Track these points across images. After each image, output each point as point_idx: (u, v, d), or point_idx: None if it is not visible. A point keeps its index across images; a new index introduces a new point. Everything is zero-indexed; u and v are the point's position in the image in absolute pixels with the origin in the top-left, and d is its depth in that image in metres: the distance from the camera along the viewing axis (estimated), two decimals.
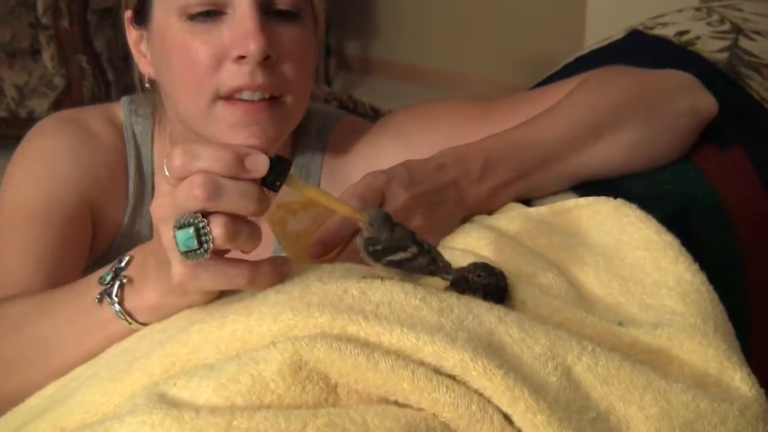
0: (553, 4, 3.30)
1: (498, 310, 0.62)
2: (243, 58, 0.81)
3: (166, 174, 0.59)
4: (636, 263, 0.72)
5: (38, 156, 0.94)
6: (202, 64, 0.82)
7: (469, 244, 0.74)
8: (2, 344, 0.73)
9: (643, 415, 0.57)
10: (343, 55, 3.87)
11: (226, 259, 0.61)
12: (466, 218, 0.80)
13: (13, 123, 2.68)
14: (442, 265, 0.64)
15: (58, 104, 2.71)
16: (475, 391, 0.55)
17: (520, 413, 0.54)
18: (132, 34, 0.91)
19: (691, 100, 0.89)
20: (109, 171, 0.96)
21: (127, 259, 0.69)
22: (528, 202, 0.84)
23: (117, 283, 0.67)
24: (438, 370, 0.55)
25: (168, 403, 0.55)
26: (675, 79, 0.91)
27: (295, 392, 0.55)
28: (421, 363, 0.56)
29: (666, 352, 0.64)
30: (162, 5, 0.85)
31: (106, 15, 2.69)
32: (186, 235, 0.58)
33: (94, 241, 0.94)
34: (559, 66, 1.20)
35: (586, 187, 0.85)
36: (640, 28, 1.19)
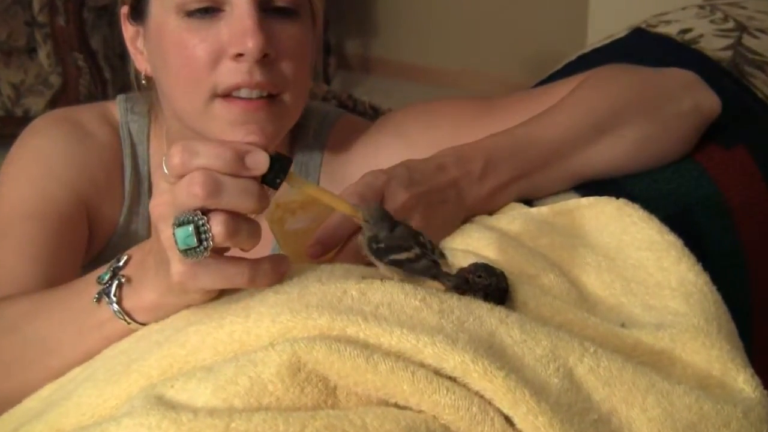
0: (555, 2, 3.30)
1: (499, 311, 0.62)
2: (241, 55, 0.81)
3: (165, 172, 0.59)
4: (639, 264, 0.72)
5: (33, 155, 0.94)
6: (199, 61, 0.82)
7: (470, 244, 0.74)
8: None
9: (645, 417, 0.57)
10: (343, 54, 3.86)
11: (226, 258, 0.61)
12: (466, 218, 0.80)
13: (9, 122, 2.67)
14: (444, 269, 0.64)
15: (54, 103, 2.70)
16: (476, 393, 0.55)
17: (521, 415, 0.54)
18: (128, 30, 0.91)
19: (695, 99, 0.89)
20: (105, 170, 0.96)
21: (125, 258, 0.69)
22: (529, 202, 0.84)
23: (115, 283, 0.67)
24: (438, 372, 0.55)
25: (165, 404, 0.55)
26: (678, 77, 0.91)
27: (293, 394, 0.55)
28: (422, 365, 0.56)
29: (669, 353, 0.64)
30: (159, 1, 0.84)
31: (103, 13, 2.69)
32: (185, 232, 0.58)
33: (90, 240, 0.94)
34: (561, 64, 1.20)
35: (588, 187, 0.85)
36: (643, 26, 1.19)
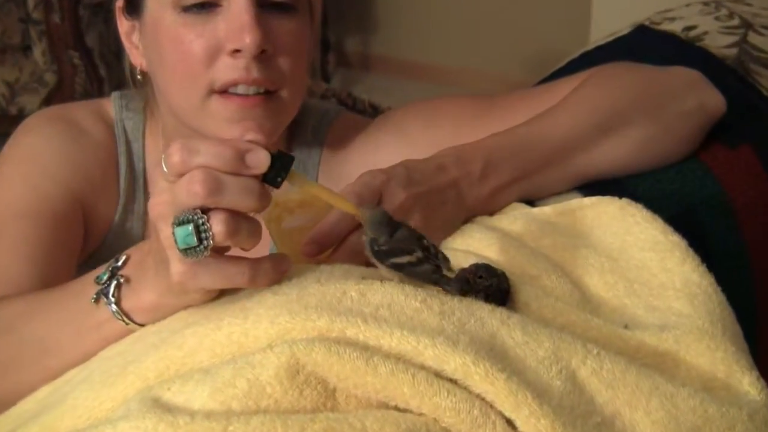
0: None
1: (500, 312, 0.62)
2: (238, 51, 0.81)
3: (164, 170, 0.59)
4: (642, 264, 0.72)
5: (27, 154, 0.94)
6: (196, 57, 0.82)
7: (471, 244, 0.74)
8: None
9: (649, 420, 0.58)
10: (342, 51, 3.86)
11: (226, 257, 0.61)
12: (467, 219, 0.80)
13: (3, 120, 2.67)
14: (446, 275, 0.64)
15: (49, 101, 2.70)
16: (477, 396, 0.55)
17: (523, 418, 0.54)
18: (123, 24, 0.91)
19: (699, 99, 0.89)
20: (100, 168, 0.96)
21: (124, 258, 0.68)
22: (531, 202, 0.84)
23: (114, 283, 0.67)
24: (439, 374, 0.55)
25: (162, 407, 0.55)
26: (682, 76, 0.92)
27: (292, 397, 0.55)
28: (422, 367, 0.56)
29: (673, 355, 0.64)
30: None
31: (99, 10, 2.69)
32: (185, 231, 0.57)
33: (85, 239, 0.94)
34: (563, 62, 1.20)
35: (591, 187, 0.85)
36: (647, 23, 1.19)
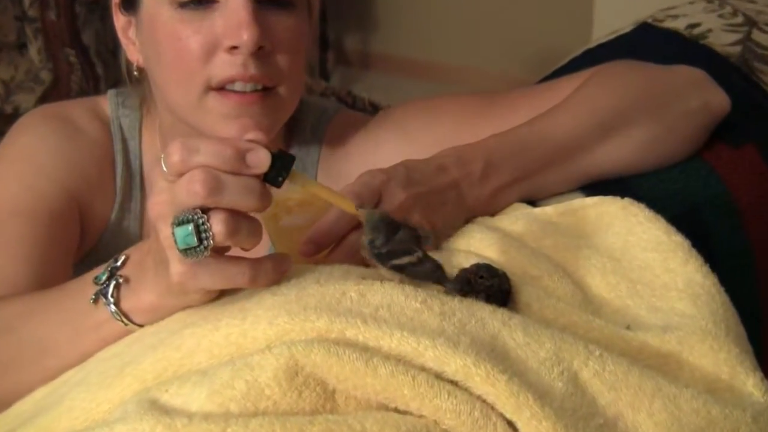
0: None
1: (502, 313, 0.62)
2: (236, 48, 0.81)
3: (164, 169, 0.59)
4: (645, 265, 0.72)
5: (22, 152, 0.94)
6: (193, 54, 0.82)
7: (472, 245, 0.75)
8: None
9: (652, 422, 0.58)
10: (342, 49, 3.86)
11: (227, 257, 0.61)
12: (468, 220, 0.80)
13: None
14: (447, 273, 0.64)
15: (45, 99, 2.70)
16: (478, 398, 0.55)
17: (524, 420, 0.54)
18: (119, 20, 0.91)
19: (703, 98, 0.89)
20: (96, 166, 0.96)
21: (123, 258, 0.68)
22: (533, 202, 0.84)
23: (113, 283, 0.67)
24: (439, 376, 0.56)
25: (159, 409, 0.55)
26: (686, 75, 0.92)
27: (291, 398, 0.55)
28: (422, 368, 0.56)
29: (676, 356, 0.64)
30: None
31: (95, 7, 2.69)
32: (185, 231, 0.57)
33: (81, 238, 0.94)
34: (565, 60, 1.21)
35: (593, 186, 0.85)
36: (650, 20, 1.19)
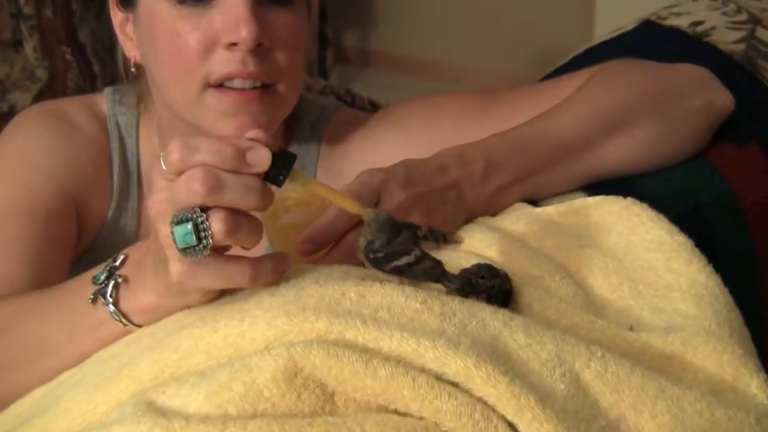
0: None
1: (503, 314, 0.62)
2: (234, 45, 0.81)
3: (163, 168, 0.59)
4: (647, 265, 0.72)
5: (17, 150, 0.94)
6: (191, 50, 0.82)
7: (473, 245, 0.75)
8: None
9: (655, 424, 0.58)
10: (341, 47, 3.86)
11: (226, 257, 0.61)
12: (468, 220, 0.80)
13: None
14: (446, 270, 0.64)
15: (40, 98, 2.70)
16: (479, 399, 0.55)
17: (526, 422, 0.54)
18: (117, 16, 0.91)
19: (707, 97, 0.89)
20: (92, 164, 0.96)
21: (122, 257, 0.68)
22: (535, 202, 0.85)
23: (111, 283, 0.67)
24: (440, 377, 0.56)
25: (157, 411, 0.55)
26: (690, 73, 0.91)
27: (290, 400, 0.55)
28: (423, 370, 0.56)
29: (679, 357, 0.64)
30: None
31: (91, 4, 2.69)
32: (184, 230, 0.57)
33: (78, 236, 0.94)
34: (567, 58, 1.21)
35: (595, 185, 0.85)
36: (653, 18, 1.19)
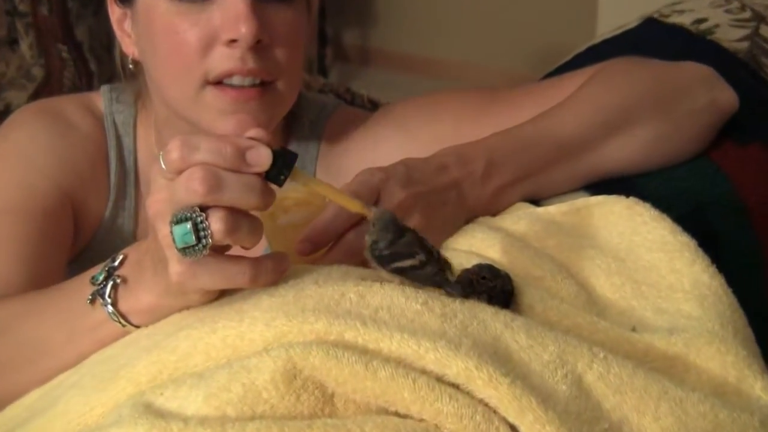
0: None
1: (504, 315, 0.62)
2: (234, 41, 0.81)
3: (162, 167, 0.59)
4: (650, 265, 0.72)
5: (13, 149, 0.94)
6: (190, 47, 0.82)
7: (474, 245, 0.75)
8: None
9: (658, 426, 0.58)
10: (341, 45, 3.87)
11: (226, 257, 0.61)
12: (469, 220, 0.80)
13: None
14: (449, 277, 0.64)
15: (36, 96, 2.69)
16: (480, 401, 0.55)
17: (527, 424, 0.54)
18: (115, 12, 0.91)
19: (711, 95, 0.89)
20: (89, 162, 0.96)
21: (120, 257, 0.68)
22: (536, 201, 0.85)
23: (110, 283, 0.67)
24: (441, 379, 0.56)
25: (155, 413, 0.55)
26: (693, 72, 0.91)
27: (289, 402, 0.55)
28: (423, 371, 0.56)
29: (682, 359, 0.64)
30: None
31: (88, 2, 2.68)
32: (183, 230, 0.57)
33: (75, 236, 0.94)
34: (569, 56, 1.21)
35: (597, 185, 0.85)
36: (656, 16, 1.19)
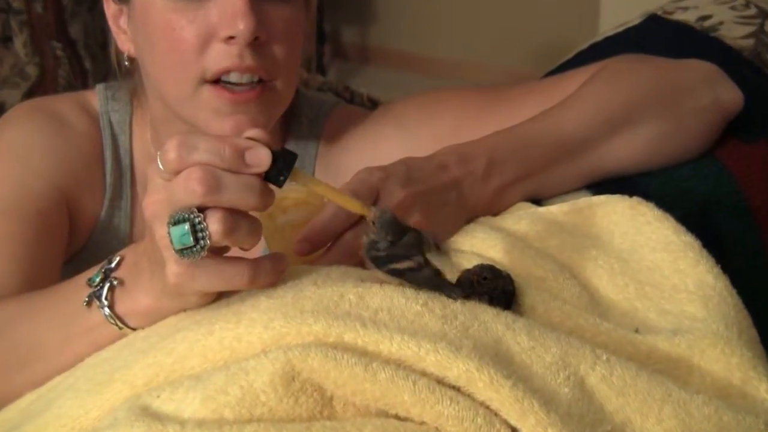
0: None
1: (505, 316, 0.63)
2: (232, 38, 0.81)
3: (160, 167, 0.59)
4: (653, 266, 0.72)
5: (8, 148, 0.94)
6: (187, 44, 0.82)
7: (474, 245, 0.75)
8: None
9: (661, 429, 0.58)
10: (339, 42, 3.87)
11: (225, 258, 0.61)
12: (470, 219, 0.80)
13: None
14: (448, 279, 0.65)
15: (31, 95, 2.69)
16: (481, 404, 0.55)
17: (529, 427, 0.54)
18: (110, 8, 0.91)
19: (715, 94, 0.89)
20: (85, 162, 0.96)
21: (117, 259, 0.68)
22: (538, 201, 0.85)
23: (107, 285, 0.67)
24: (441, 381, 0.56)
25: (151, 416, 0.55)
26: (697, 69, 0.91)
27: (287, 405, 0.55)
28: (423, 373, 0.56)
29: (686, 360, 0.64)
30: None
31: None
32: (181, 231, 0.58)
33: (70, 236, 0.94)
34: (571, 54, 1.21)
35: (600, 184, 0.85)
36: (659, 12, 1.19)
